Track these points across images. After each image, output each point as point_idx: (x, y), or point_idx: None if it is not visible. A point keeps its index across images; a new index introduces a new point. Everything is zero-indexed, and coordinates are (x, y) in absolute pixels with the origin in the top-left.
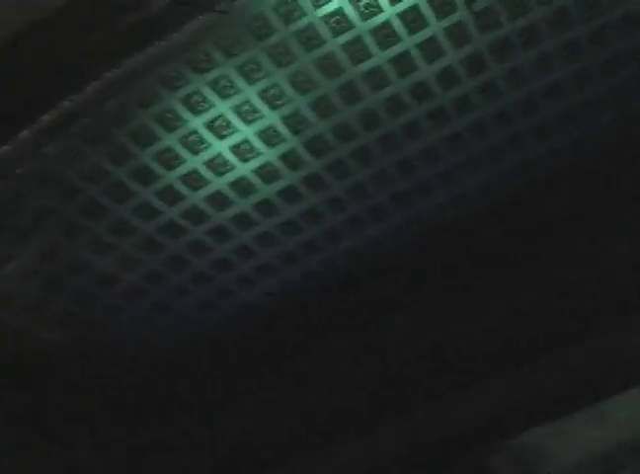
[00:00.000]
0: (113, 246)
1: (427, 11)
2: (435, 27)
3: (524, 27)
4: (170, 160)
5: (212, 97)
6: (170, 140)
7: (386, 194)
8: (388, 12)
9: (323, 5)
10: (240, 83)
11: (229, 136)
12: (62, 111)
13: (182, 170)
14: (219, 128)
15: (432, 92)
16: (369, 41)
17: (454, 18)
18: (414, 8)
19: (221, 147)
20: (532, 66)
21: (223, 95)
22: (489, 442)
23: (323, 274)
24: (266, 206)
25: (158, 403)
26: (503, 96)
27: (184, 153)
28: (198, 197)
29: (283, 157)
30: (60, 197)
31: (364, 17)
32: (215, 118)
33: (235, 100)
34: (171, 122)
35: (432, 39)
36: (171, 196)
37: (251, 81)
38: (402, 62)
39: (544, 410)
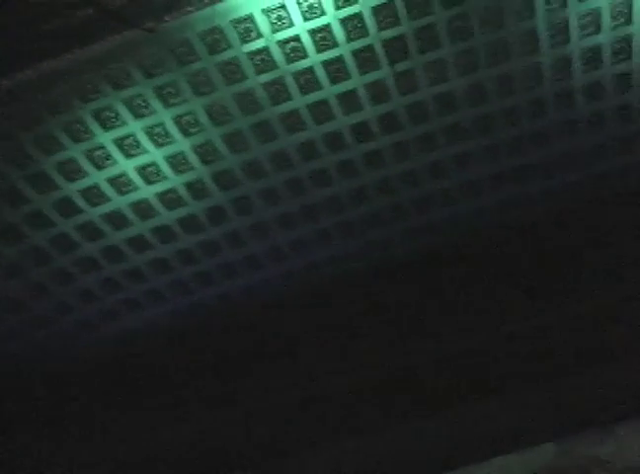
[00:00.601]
0: None
1: (351, 64)
2: (356, 81)
3: (441, 94)
4: (72, 172)
5: (126, 114)
6: (75, 152)
7: (286, 237)
8: (313, 59)
9: (250, 42)
10: (156, 105)
11: (137, 156)
12: None
13: (83, 183)
14: (128, 147)
15: (344, 143)
16: (291, 84)
17: (376, 75)
18: (339, 59)
19: (127, 166)
20: (444, 134)
21: (137, 114)
22: None
23: (216, 306)
24: (164, 232)
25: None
26: (412, 159)
27: (87, 167)
28: (95, 214)
29: (189, 185)
30: None
31: (290, 60)
32: (125, 137)
33: (148, 121)
34: (79, 134)
35: (352, 93)
36: (67, 208)
37: (167, 105)
38: (320, 110)
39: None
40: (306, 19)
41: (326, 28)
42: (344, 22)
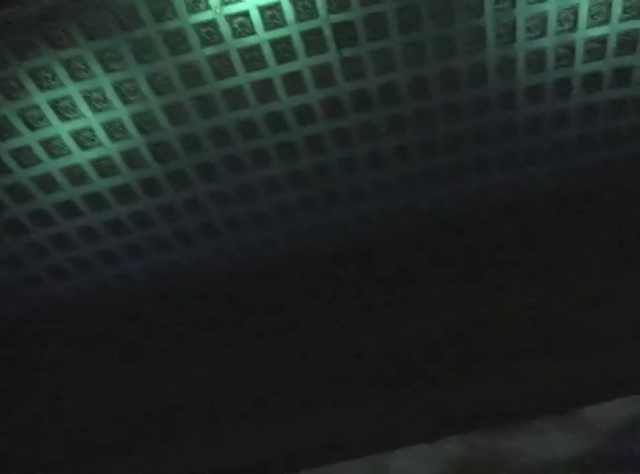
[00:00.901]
0: None
1: (298, 44)
2: (302, 62)
3: (386, 84)
4: (3, 130)
5: (63, 76)
6: (7, 110)
7: (220, 214)
8: (261, 36)
9: (197, 13)
10: (96, 69)
11: (72, 120)
12: None
13: (13, 143)
14: (64, 110)
15: (286, 125)
16: (236, 60)
17: (323, 58)
18: (287, 39)
19: (61, 129)
20: (385, 123)
21: (75, 77)
22: None
23: (143, 281)
24: (95, 200)
25: None
26: (355, 146)
27: (20, 126)
28: (25, 175)
29: (125, 154)
30: None
31: (236, 35)
32: (62, 99)
33: (87, 85)
34: (12, 92)
35: (297, 74)
36: None
37: (107, 70)
38: (263, 89)
39: (320, 456)
40: None
41: (276, 5)
42: (294, 1)
